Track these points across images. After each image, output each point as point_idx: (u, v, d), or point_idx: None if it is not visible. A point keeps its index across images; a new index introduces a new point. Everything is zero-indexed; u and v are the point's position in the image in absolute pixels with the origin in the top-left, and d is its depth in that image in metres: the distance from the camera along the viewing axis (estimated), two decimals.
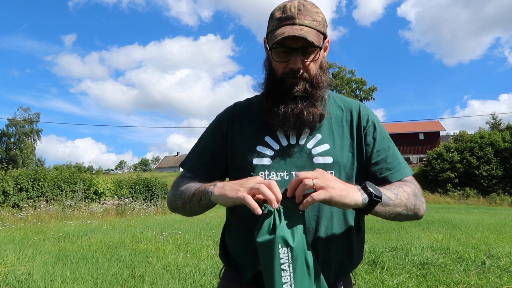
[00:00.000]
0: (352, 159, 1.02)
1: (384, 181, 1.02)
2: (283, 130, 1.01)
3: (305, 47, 0.94)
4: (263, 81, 1.06)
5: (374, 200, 0.85)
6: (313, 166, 0.98)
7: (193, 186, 1.01)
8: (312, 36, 0.92)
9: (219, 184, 0.92)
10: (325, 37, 1.00)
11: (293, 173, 0.98)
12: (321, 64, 1.02)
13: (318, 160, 0.99)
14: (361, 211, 0.90)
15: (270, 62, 1.03)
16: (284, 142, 1.02)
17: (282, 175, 0.99)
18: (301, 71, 0.97)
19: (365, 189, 0.86)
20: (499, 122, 43.93)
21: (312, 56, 0.97)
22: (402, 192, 0.96)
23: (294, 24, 0.94)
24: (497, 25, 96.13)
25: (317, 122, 1.01)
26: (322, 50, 0.99)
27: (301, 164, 0.99)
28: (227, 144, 1.10)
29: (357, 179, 1.04)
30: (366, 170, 1.04)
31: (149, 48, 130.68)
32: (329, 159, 0.99)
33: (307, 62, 0.97)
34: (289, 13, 0.95)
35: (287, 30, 0.92)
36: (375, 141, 1.05)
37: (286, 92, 0.98)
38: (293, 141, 1.01)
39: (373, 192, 0.85)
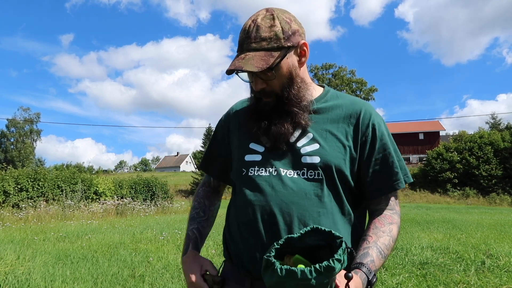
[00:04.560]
0: (345, 161, 1.01)
1: (376, 193, 1.04)
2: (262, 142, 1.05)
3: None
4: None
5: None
6: (301, 165, 0.99)
7: (189, 227, 1.20)
8: (254, 62, 0.92)
9: (184, 258, 1.12)
10: (286, 48, 0.96)
11: (281, 169, 1.00)
12: (290, 75, 0.99)
13: (305, 159, 0.99)
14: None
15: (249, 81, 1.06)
16: None
17: (271, 170, 1.01)
18: (266, 90, 1.00)
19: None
20: (499, 122, 43.97)
21: (270, 75, 0.97)
22: (391, 244, 1.01)
23: (242, 51, 0.96)
24: (495, 25, 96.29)
25: (289, 134, 1.01)
26: (287, 60, 0.98)
27: (289, 162, 1.00)
28: (229, 143, 1.16)
29: (355, 181, 1.03)
30: (363, 176, 1.04)
31: (147, 48, 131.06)
32: (316, 159, 0.98)
33: (269, 81, 0.98)
34: (240, 39, 0.98)
35: (232, 62, 0.96)
36: (373, 149, 1.03)
37: (259, 111, 1.03)
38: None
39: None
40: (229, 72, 0.97)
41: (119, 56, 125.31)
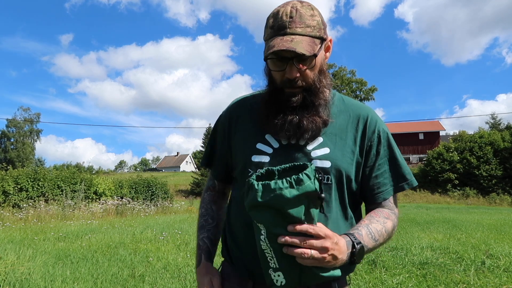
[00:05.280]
0: (352, 166, 1.01)
1: (377, 197, 1.04)
2: (283, 138, 1.01)
3: (299, 56, 0.92)
4: (266, 85, 1.05)
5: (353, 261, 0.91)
6: None
7: (199, 236, 1.17)
8: (303, 45, 0.90)
9: (198, 270, 1.11)
10: (323, 39, 0.97)
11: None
12: (321, 68, 0.99)
13: (316, 163, 0.98)
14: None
15: (268, 70, 1.01)
16: (284, 141, 1.02)
17: None
18: (298, 80, 0.95)
19: (352, 255, 0.89)
20: (499, 122, 43.96)
21: (308, 63, 0.95)
22: (383, 233, 0.99)
23: (285, 34, 0.92)
24: (495, 25, 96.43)
25: (320, 129, 0.99)
26: (321, 53, 0.97)
27: None
28: (231, 141, 1.12)
29: (357, 186, 1.04)
30: (365, 181, 1.04)
31: (147, 48, 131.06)
32: (327, 163, 0.98)
33: (304, 70, 0.95)
34: (281, 22, 0.93)
35: (277, 43, 0.90)
36: (378, 154, 1.04)
37: (285, 103, 0.98)
38: (293, 141, 1.01)
39: (356, 259, 0.89)
40: (276, 52, 0.91)
41: (118, 56, 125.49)
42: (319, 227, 0.82)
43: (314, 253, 0.80)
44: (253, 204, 0.81)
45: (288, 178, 0.78)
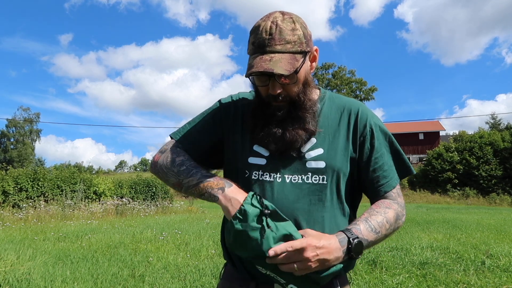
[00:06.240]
0: (347, 163, 1.02)
1: (379, 191, 1.05)
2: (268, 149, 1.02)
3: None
4: (254, 95, 1.06)
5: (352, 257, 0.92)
6: (305, 170, 0.99)
7: (195, 173, 0.99)
8: (282, 65, 0.89)
9: (227, 193, 0.94)
10: (306, 53, 0.96)
11: (286, 176, 1.00)
12: (305, 80, 0.99)
13: (311, 164, 0.99)
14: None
15: (254, 83, 1.01)
16: None
17: (275, 176, 1.00)
18: (282, 94, 0.96)
19: (348, 251, 0.90)
20: (499, 122, 43.96)
21: (290, 78, 0.95)
22: (385, 224, 0.99)
23: (264, 52, 0.91)
24: (494, 25, 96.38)
25: (304, 141, 1.00)
26: (305, 65, 0.97)
27: (294, 167, 1.00)
28: (226, 134, 1.10)
29: (353, 182, 1.05)
30: (364, 176, 1.05)
31: (147, 48, 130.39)
32: (321, 164, 0.99)
33: (287, 85, 0.95)
34: (260, 39, 0.92)
35: (256, 63, 0.90)
36: (373, 147, 1.04)
37: (270, 117, 0.99)
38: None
39: (354, 254, 0.91)
40: (254, 74, 0.91)
41: (118, 56, 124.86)
42: (294, 241, 0.86)
43: (298, 265, 0.85)
44: (231, 248, 0.94)
45: (235, 215, 0.89)
